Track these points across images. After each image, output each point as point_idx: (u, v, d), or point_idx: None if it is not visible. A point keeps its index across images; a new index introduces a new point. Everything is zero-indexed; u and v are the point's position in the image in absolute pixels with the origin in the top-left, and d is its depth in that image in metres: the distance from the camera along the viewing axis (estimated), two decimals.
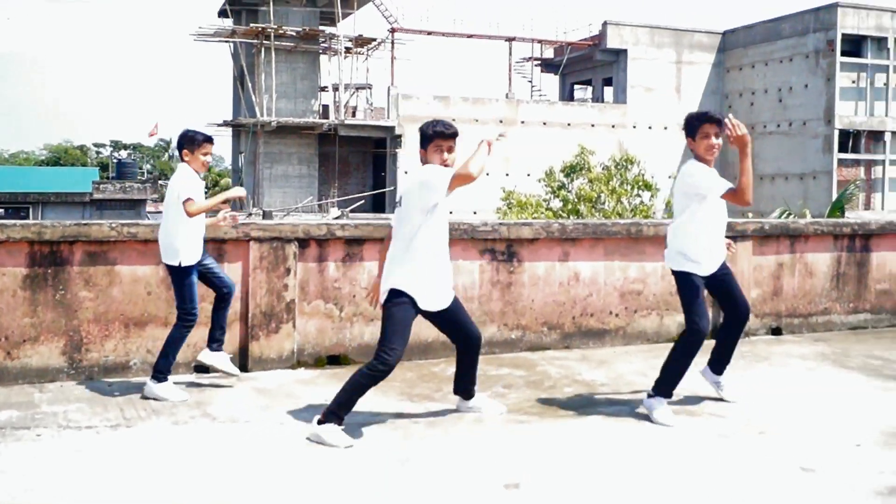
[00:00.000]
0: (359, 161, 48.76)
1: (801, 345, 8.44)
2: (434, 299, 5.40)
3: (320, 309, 7.53)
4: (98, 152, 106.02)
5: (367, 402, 6.08)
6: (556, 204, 28.21)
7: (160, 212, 54.20)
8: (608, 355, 7.98)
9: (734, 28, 50.37)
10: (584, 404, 6.18)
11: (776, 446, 5.24)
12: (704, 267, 5.87)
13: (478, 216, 41.67)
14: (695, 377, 6.67)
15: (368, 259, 7.65)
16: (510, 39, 49.00)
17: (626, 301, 8.55)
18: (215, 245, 7.20)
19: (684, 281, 5.87)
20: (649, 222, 8.61)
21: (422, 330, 7.73)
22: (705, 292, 5.95)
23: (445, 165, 5.38)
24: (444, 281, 5.45)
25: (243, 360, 7.30)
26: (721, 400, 6.28)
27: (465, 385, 5.84)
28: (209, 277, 6.58)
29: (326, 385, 6.69)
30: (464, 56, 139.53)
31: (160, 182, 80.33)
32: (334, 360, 7.55)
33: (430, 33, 47.25)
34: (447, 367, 7.37)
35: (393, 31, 46.24)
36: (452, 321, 5.55)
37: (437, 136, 5.41)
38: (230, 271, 7.25)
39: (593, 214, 26.24)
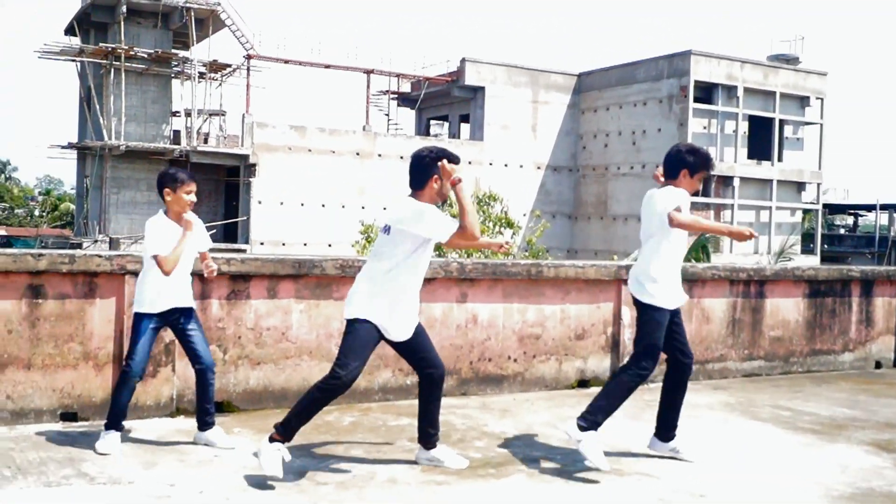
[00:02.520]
0: (211, 189, 47.15)
1: (703, 393, 8.23)
2: (400, 330, 5.28)
3: None
4: None
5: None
6: None
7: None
8: (509, 403, 7.58)
9: (590, 70, 51.41)
10: (501, 461, 5.73)
11: None
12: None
13: (333, 249, 40.93)
14: (621, 429, 6.36)
15: (255, 297, 7.04)
16: (368, 72, 48.55)
17: (524, 345, 8.19)
18: (86, 278, 6.47)
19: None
20: (549, 263, 8.29)
21: (311, 377, 7.19)
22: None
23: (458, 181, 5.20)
24: (410, 311, 5.33)
25: None
26: (649, 456, 5.92)
27: (424, 428, 5.54)
28: (183, 345, 5.93)
29: None
30: (321, 86, 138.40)
31: None
32: (216, 408, 6.85)
33: (286, 61, 46.26)
34: (341, 417, 6.83)
35: (249, 57, 45.03)
36: (415, 349, 5.39)
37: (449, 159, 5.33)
38: (102, 308, 6.52)
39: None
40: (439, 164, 5.26)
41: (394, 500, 4.87)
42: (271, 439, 5.13)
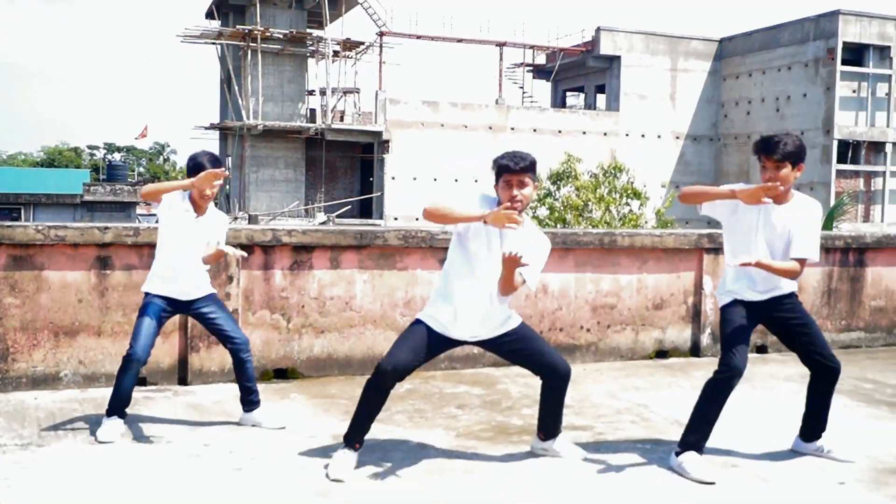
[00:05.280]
0: (346, 166, 48.17)
1: (787, 364, 7.83)
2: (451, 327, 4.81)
3: (266, 319, 7.02)
4: (92, 154, 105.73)
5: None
6: (543, 212, 27.61)
7: (152, 214, 53.70)
8: (577, 373, 7.37)
9: (731, 36, 49.61)
10: None
11: (767, 493, 4.72)
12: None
13: None
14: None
15: (318, 267, 7.15)
16: (501, 44, 48.47)
17: (598, 315, 8.04)
18: (151, 250, 6.68)
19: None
20: (624, 232, 8.10)
21: (376, 345, 7.26)
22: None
23: (514, 201, 4.56)
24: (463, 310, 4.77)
25: (183, 373, 6.81)
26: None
27: (539, 419, 5.18)
28: (210, 330, 5.69)
29: (268, 401, 6.08)
30: (453, 60, 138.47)
31: None
32: (281, 374, 7.05)
33: (419, 37, 46.62)
34: (401, 384, 6.84)
35: (381, 34, 45.62)
36: (514, 353, 5.00)
37: (503, 171, 4.64)
38: None
39: (580, 223, 25.71)
40: None
41: (421, 463, 4.88)
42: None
